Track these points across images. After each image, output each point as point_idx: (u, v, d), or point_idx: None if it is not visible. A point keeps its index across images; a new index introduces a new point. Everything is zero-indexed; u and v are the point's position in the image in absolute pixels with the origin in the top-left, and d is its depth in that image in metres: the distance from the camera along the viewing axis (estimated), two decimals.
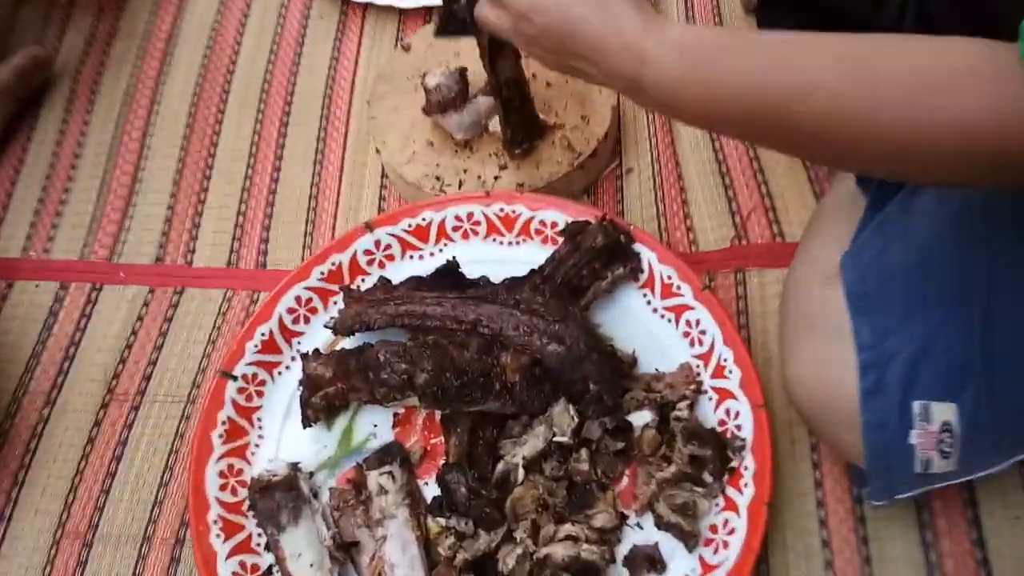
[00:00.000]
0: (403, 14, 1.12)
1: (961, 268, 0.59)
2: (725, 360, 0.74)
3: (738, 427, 0.71)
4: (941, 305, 0.59)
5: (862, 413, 0.59)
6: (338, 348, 0.80)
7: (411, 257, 0.87)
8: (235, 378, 0.78)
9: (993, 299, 0.57)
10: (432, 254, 0.87)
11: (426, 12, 1.12)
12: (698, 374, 0.76)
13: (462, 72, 0.90)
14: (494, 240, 0.86)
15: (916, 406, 0.58)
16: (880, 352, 0.59)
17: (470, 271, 0.81)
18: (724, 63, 0.52)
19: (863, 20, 0.77)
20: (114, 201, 0.99)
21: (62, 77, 1.10)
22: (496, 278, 0.79)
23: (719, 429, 0.72)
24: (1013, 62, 0.43)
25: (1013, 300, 0.57)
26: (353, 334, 0.79)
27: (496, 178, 0.90)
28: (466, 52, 0.98)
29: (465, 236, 0.87)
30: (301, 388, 0.77)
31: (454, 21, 0.75)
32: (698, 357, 0.76)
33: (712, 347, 0.76)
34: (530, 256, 0.83)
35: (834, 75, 0.48)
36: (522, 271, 0.79)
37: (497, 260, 0.85)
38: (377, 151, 0.95)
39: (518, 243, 0.86)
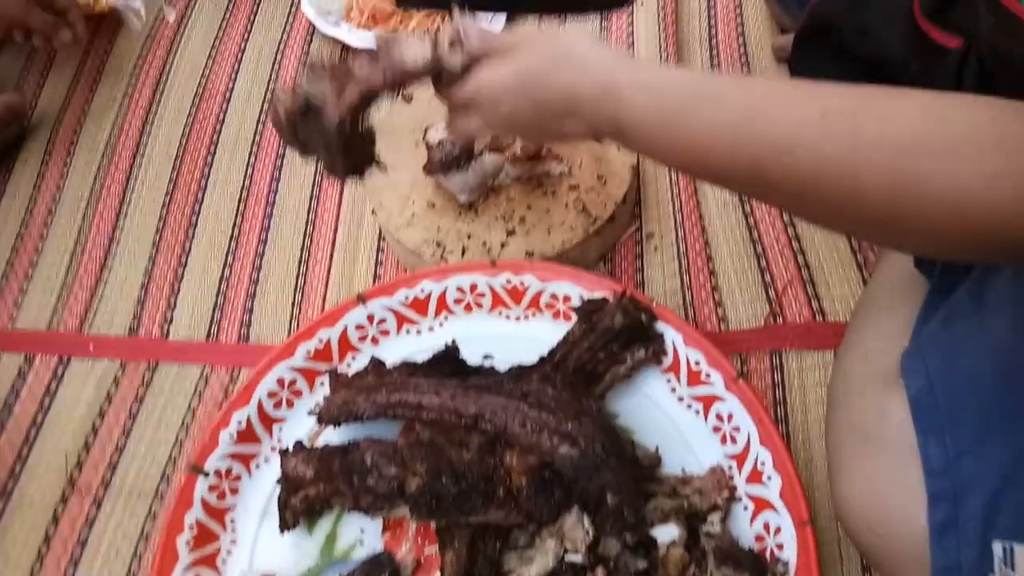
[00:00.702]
0: None
1: None
2: (763, 464, 0.65)
3: (779, 546, 0.62)
4: None
5: (931, 552, 0.49)
6: (322, 439, 0.72)
7: (408, 332, 0.78)
8: (207, 474, 0.70)
9: None
10: (431, 328, 0.78)
11: None
12: (731, 478, 0.66)
13: None
14: (500, 314, 0.78)
15: (998, 548, 0.48)
16: (954, 480, 0.49)
17: (473, 347, 0.73)
18: (700, 112, 0.49)
19: (909, 73, 0.69)
20: (88, 264, 0.91)
21: (40, 126, 1.04)
22: (502, 355, 0.71)
23: (756, 546, 0.63)
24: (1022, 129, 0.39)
25: None
26: (339, 425, 0.70)
27: (503, 245, 0.81)
28: None
29: (468, 309, 0.78)
30: (280, 488, 0.68)
31: None
32: (731, 457, 0.67)
33: (747, 447, 0.66)
34: (540, 332, 0.75)
35: (817, 132, 0.44)
36: (530, 349, 0.71)
37: (503, 336, 0.76)
38: (373, 213, 0.87)
39: (527, 318, 0.77)
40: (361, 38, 1.04)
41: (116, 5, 1.10)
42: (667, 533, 0.63)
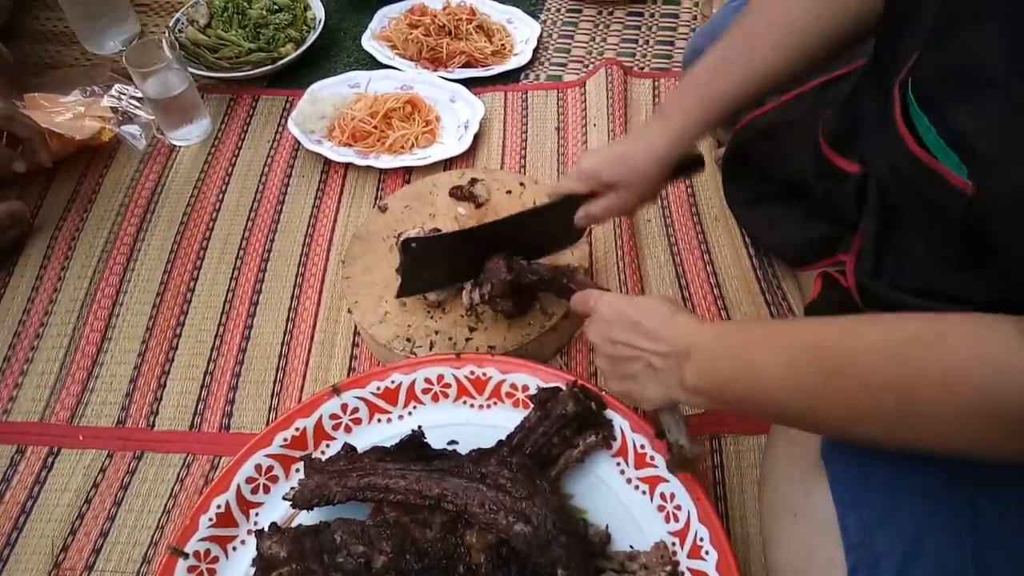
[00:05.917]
0: (383, 173, 1.15)
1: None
2: (701, 540, 0.70)
3: None
4: (929, 498, 0.56)
5: None
6: (297, 521, 0.77)
7: (379, 420, 0.84)
8: (186, 555, 0.74)
9: (981, 496, 0.54)
10: (401, 417, 0.84)
11: (405, 172, 1.14)
12: (674, 553, 0.72)
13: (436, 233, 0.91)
14: (464, 403, 0.84)
15: None
16: (869, 550, 0.55)
17: (440, 434, 0.79)
18: (736, 389, 0.58)
19: (817, 193, 0.79)
20: (81, 360, 0.97)
21: (41, 232, 1.11)
22: (466, 441, 0.77)
23: None
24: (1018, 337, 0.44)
25: (1000, 498, 0.54)
26: (312, 508, 0.75)
27: (467, 340, 0.89)
28: (442, 213, 1.00)
29: (435, 399, 0.85)
30: (255, 568, 0.72)
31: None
32: (674, 534, 0.73)
33: (688, 524, 0.72)
34: (501, 420, 0.81)
35: (835, 392, 0.51)
36: (493, 435, 0.77)
37: (467, 423, 0.83)
38: (349, 311, 0.95)
39: (489, 406, 0.84)
40: (340, 154, 1.15)
41: (116, 132, 1.20)
42: None
